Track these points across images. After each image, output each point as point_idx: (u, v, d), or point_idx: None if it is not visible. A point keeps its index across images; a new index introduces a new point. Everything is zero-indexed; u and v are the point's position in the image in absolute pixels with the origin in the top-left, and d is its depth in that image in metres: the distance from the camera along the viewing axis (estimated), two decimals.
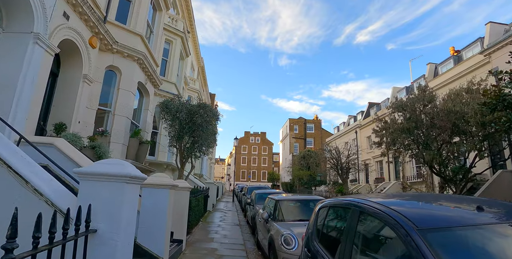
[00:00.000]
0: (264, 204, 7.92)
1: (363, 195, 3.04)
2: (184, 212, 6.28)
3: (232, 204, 22.03)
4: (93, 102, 7.60)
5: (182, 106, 7.90)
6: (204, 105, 8.11)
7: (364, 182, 29.46)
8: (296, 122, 54.27)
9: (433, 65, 22.52)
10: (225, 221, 11.66)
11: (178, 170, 9.04)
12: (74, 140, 5.35)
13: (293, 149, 51.55)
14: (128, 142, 8.29)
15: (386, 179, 25.61)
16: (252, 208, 10.32)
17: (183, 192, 6.30)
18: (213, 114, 8.24)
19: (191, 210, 7.57)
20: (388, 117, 14.80)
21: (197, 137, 8.02)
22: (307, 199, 6.27)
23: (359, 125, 31.22)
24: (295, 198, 6.47)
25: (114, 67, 8.31)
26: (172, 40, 14.62)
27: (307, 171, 41.50)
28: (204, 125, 7.87)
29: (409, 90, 24.81)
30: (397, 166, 24.81)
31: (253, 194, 11.59)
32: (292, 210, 6.00)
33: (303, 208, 6.05)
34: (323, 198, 6.66)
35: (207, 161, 35.92)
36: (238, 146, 64.07)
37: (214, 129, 8.80)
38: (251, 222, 9.93)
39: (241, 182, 60.22)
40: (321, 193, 31.44)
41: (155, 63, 10.61)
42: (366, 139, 29.84)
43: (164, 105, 8.11)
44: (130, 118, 8.40)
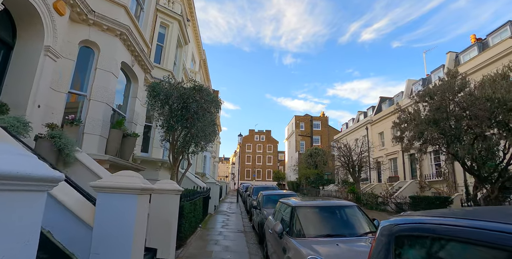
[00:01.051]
0: (275, 208, 6.39)
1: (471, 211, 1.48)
2: (171, 221, 4.77)
3: (236, 205, 20.53)
4: (63, 84, 6.12)
5: (172, 90, 6.39)
6: (201, 88, 6.58)
7: (376, 181, 27.77)
8: (302, 119, 52.57)
9: (454, 54, 20.74)
10: (228, 226, 10.15)
11: (171, 167, 7.54)
12: (16, 125, 3.86)
13: (299, 147, 49.90)
14: (108, 133, 6.81)
15: (401, 177, 23.91)
16: (258, 212, 8.80)
17: (170, 196, 4.79)
18: (212, 100, 6.71)
19: (184, 218, 6.07)
20: (412, 107, 13.12)
21: (192, 127, 6.51)
22: (335, 206, 4.71)
23: (370, 121, 29.49)
24: (318, 204, 4.91)
25: (90, 43, 6.82)
26: (169, 24, 13.13)
27: (314, 170, 39.88)
28: (200, 113, 6.35)
29: (426, 83, 23.04)
30: (413, 163, 23.09)
31: (259, 196, 10.05)
32: (316, 220, 4.45)
33: (331, 218, 4.50)
34: (353, 203, 5.12)
35: (210, 160, 34.49)
36: (242, 144, 62.58)
37: (213, 118, 7.27)
38: (258, 228, 8.41)
39: (245, 181, 58.77)
40: (329, 193, 29.79)
41: (145, 43, 9.12)
42: (378, 135, 28.14)
43: (151, 88, 6.60)
44: (110, 105, 6.91)
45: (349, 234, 4.06)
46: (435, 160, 20.69)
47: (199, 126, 6.57)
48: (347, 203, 4.99)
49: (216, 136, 9.14)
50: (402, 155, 23.93)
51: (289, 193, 10.07)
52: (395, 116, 24.77)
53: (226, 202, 22.89)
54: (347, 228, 4.34)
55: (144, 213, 3.26)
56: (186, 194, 6.75)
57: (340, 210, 4.60)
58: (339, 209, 4.61)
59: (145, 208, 3.27)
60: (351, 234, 4.08)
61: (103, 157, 6.12)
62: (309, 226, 4.28)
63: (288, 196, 9.29)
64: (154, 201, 4.78)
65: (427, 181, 20.39)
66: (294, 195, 9.57)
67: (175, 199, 4.93)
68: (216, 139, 43.81)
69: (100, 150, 6.50)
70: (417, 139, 11.96)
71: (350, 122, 37.43)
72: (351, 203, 5.00)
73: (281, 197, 9.24)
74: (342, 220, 4.50)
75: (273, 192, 10.63)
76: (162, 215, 4.71)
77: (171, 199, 4.81)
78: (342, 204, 4.80)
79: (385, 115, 26.76)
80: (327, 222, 4.40)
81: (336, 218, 4.50)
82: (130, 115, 8.38)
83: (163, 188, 4.78)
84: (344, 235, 4.02)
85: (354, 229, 4.34)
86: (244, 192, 23.79)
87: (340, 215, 4.57)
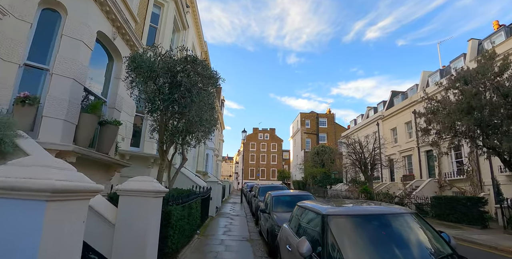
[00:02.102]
0: (292, 214, 4.92)
1: None
2: (148, 235, 3.30)
3: (240, 205, 19.07)
4: (14, 52, 4.68)
5: (158, 61, 4.91)
6: (195, 59, 5.06)
7: (389, 179, 26.11)
8: (307, 116, 50.93)
9: (476, 41, 19.04)
10: (230, 232, 8.68)
11: (160, 162, 6.05)
12: None
13: (305, 145, 48.30)
14: (78, 119, 5.36)
15: (417, 176, 22.26)
16: (267, 216, 7.32)
17: (146, 200, 3.32)
18: (209, 76, 5.21)
19: (173, 227, 4.60)
20: (440, 94, 11.51)
21: (183, 111, 5.03)
22: (387, 213, 3.18)
23: (381, 117, 27.84)
24: (361, 211, 3.31)
25: (55, 4, 5.38)
26: (164, 3, 11.70)
27: (321, 168, 38.32)
28: (194, 92, 4.86)
29: (444, 74, 21.38)
30: (430, 161, 21.45)
31: (267, 197, 8.56)
32: (362, 237, 2.94)
33: (384, 232, 2.98)
34: (410, 210, 3.61)
35: (213, 158, 33.09)
36: (246, 143, 61.10)
37: (212, 101, 5.74)
38: (267, 236, 6.94)
39: (249, 181, 57.35)
40: (339, 193, 28.22)
41: (131, 14, 7.67)
42: (390, 131, 26.49)
43: (131, 60, 5.11)
44: (81, 83, 5.46)
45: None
46: (456, 156, 19.02)
47: (193, 108, 5.10)
48: (401, 209, 3.46)
49: (216, 125, 7.66)
50: (417, 151, 22.29)
51: (303, 193, 8.57)
52: (411, 110, 23.21)
53: (230, 203, 21.45)
54: (411, 248, 2.84)
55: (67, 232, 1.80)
56: (177, 196, 5.29)
57: (395, 220, 3.09)
58: (394, 219, 3.10)
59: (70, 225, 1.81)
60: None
61: (66, 147, 4.66)
62: (353, 247, 2.78)
63: (303, 197, 7.81)
64: (123, 207, 3.33)
65: (447, 180, 18.74)
66: (309, 196, 8.07)
67: (154, 203, 3.45)
68: (219, 136, 42.23)
69: (66, 139, 5.05)
70: (447, 130, 10.37)
71: (359, 119, 35.76)
72: (407, 209, 3.49)
73: (295, 198, 7.75)
74: (401, 236, 3.00)
75: (284, 192, 9.13)
76: (134, 227, 3.26)
77: (147, 203, 3.34)
78: (397, 212, 3.28)
79: (398, 110, 25.10)
80: (380, 240, 2.89)
81: (391, 232, 3.00)
82: (112, 100, 6.94)
83: (136, 188, 3.32)
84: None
85: (421, 250, 2.84)
86: (249, 192, 22.32)
87: (397, 228, 3.06)
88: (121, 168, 6.96)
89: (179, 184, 12.13)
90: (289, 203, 7.59)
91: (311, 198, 7.85)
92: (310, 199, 7.81)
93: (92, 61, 6.44)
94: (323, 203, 4.19)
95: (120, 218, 3.30)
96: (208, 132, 7.67)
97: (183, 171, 13.13)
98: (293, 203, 7.71)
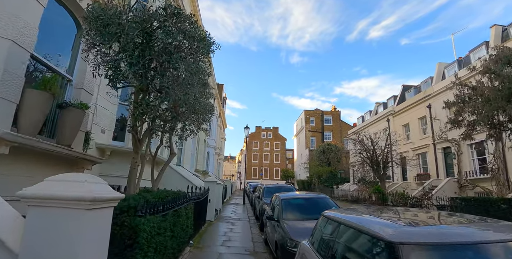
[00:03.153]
0: (315, 227, 3.48)
1: None
2: None
3: (242, 207, 17.62)
4: None
5: (126, 11, 3.49)
6: (178, 12, 3.65)
7: (401, 179, 24.53)
8: (312, 114, 49.35)
9: (500, 28, 17.44)
10: (231, 242, 7.24)
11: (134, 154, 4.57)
12: None
13: (309, 143, 46.75)
14: (20, 96, 3.93)
15: (433, 175, 20.67)
16: (276, 224, 5.86)
17: (70, 215, 1.86)
18: (198, 37, 3.78)
19: (143, 249, 3.15)
20: (474, 78, 9.94)
21: (163, 83, 3.57)
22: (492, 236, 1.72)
23: (392, 112, 26.25)
24: (474, 236, 1.81)
25: None
26: None
27: (327, 167, 36.77)
28: (176, 57, 3.41)
29: (462, 64, 19.79)
30: (447, 158, 19.86)
31: (275, 200, 7.08)
32: None
33: None
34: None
35: (214, 157, 31.70)
36: (249, 141, 59.67)
37: (202, 70, 4.26)
38: (275, 250, 5.49)
39: (252, 180, 55.91)
40: (347, 193, 26.69)
41: None
42: (402, 128, 24.89)
43: (90, 15, 3.67)
44: (26, 49, 4.02)
45: None
46: (478, 153, 17.43)
47: (176, 82, 3.64)
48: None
49: (212, 111, 6.22)
50: (433, 148, 20.70)
51: (319, 196, 7.06)
52: (426, 104, 21.61)
53: (231, 204, 20.01)
54: None
55: None
56: (155, 202, 3.84)
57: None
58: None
59: None
60: None
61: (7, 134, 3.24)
62: None
63: (320, 201, 6.36)
64: (32, 224, 1.89)
65: (469, 179, 17.15)
66: (327, 200, 6.58)
67: (90, 218, 1.99)
68: (221, 134, 40.69)
69: (3, 122, 3.62)
70: (485, 120, 8.83)
71: (367, 116, 34.17)
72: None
73: (310, 202, 6.32)
74: None
75: (294, 194, 7.64)
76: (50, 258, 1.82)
77: (75, 218, 1.89)
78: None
79: (411, 104, 23.50)
80: None
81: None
82: (79, 79, 5.51)
83: (56, 194, 1.86)
84: None
85: None
86: (252, 192, 20.87)
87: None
88: (91, 164, 5.53)
89: (172, 185, 10.72)
90: (303, 208, 6.14)
91: (330, 202, 6.38)
92: (329, 204, 6.34)
93: (55, 30, 5.06)
94: (367, 214, 2.72)
95: (26, 243, 1.86)
96: (203, 120, 6.23)
97: (178, 169, 11.70)
98: (308, 208, 6.25)
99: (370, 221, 2.26)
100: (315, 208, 6.18)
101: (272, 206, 7.30)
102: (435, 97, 20.82)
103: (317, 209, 6.19)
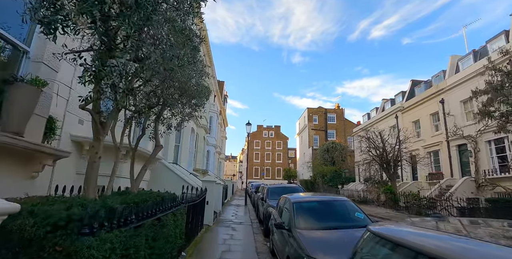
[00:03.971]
0: (355, 250, 2.26)
1: None
2: None
3: (244, 209, 16.46)
4: None
5: None
6: None
7: (410, 179, 23.30)
8: (315, 112, 48.10)
9: None
10: (231, 254, 6.07)
11: (92, 145, 3.40)
12: None
13: (312, 141, 45.52)
14: None
15: (446, 174, 19.43)
16: (287, 235, 4.67)
17: None
18: None
19: None
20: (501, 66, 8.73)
21: (129, 32, 2.44)
22: None
23: (401, 109, 25.01)
24: None
25: None
26: None
27: (331, 166, 35.56)
28: (145, 8, 2.32)
29: (478, 56, 18.54)
30: (463, 156, 18.61)
31: (284, 204, 5.87)
32: None
33: None
34: None
35: (214, 155, 30.55)
36: (250, 141, 58.50)
37: (188, 29, 3.14)
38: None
39: (254, 180, 54.75)
40: (353, 193, 25.50)
41: None
42: (412, 124, 23.64)
43: None
44: None
45: None
46: (497, 151, 16.20)
47: (154, 48, 2.50)
48: None
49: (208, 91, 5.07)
50: (447, 146, 19.47)
51: (338, 198, 5.86)
52: (438, 99, 20.38)
53: (232, 205, 18.86)
54: None
55: None
56: (121, 211, 2.68)
57: None
58: None
59: None
60: None
61: None
62: None
63: (343, 204, 5.17)
64: None
65: (488, 178, 15.93)
66: (349, 202, 5.39)
67: None
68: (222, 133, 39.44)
69: None
70: None
71: (373, 113, 32.93)
72: None
73: (330, 207, 5.14)
74: None
75: (309, 197, 6.42)
76: None
77: None
78: None
79: (422, 100, 22.27)
80: None
81: None
82: (38, 50, 4.35)
83: None
84: None
85: None
86: (254, 193, 19.71)
87: None
88: (52, 159, 4.38)
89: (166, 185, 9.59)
90: (320, 214, 4.96)
91: (353, 206, 5.20)
92: (352, 208, 5.18)
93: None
94: (457, 234, 1.54)
95: None
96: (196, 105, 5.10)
97: (173, 167, 10.56)
98: (327, 214, 5.05)
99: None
100: (336, 214, 5.02)
101: (280, 210, 6.13)
102: (448, 91, 19.59)
103: (338, 215, 5.01)
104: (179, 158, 14.94)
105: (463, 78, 18.37)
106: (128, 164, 6.57)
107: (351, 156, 35.89)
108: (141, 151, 6.26)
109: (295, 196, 6.13)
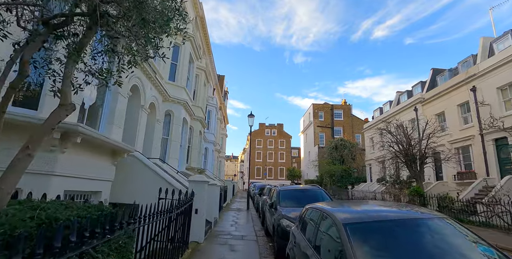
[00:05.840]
0: None
1: None
2: None
3: (246, 215, 13.83)
4: None
5: None
6: None
7: (433, 178, 20.61)
8: (321, 108, 45.41)
9: None
10: None
11: None
12: None
13: (318, 139, 42.84)
14: None
15: (480, 173, 16.75)
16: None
17: None
18: None
19: None
20: None
21: None
22: None
23: (421, 100, 22.34)
24: None
25: None
26: None
27: (340, 165, 32.88)
28: None
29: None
30: (501, 152, 15.94)
31: (323, 221, 3.23)
32: None
33: None
34: None
35: (213, 154, 27.96)
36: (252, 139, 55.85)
37: None
38: None
39: (256, 180, 52.12)
40: (365, 194, 22.84)
41: None
42: (434, 117, 20.92)
43: None
44: None
45: None
46: None
47: None
48: None
49: (181, 14, 2.40)
50: (481, 140, 16.79)
51: (430, 215, 3.25)
52: (469, 86, 17.69)
53: (232, 210, 16.24)
54: None
55: None
56: None
57: None
58: None
59: None
60: None
61: None
62: None
63: (447, 228, 2.46)
64: None
65: None
66: (453, 226, 2.76)
67: None
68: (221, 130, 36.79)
69: None
70: None
71: (386, 107, 30.25)
72: None
73: (414, 230, 2.41)
74: None
75: (369, 211, 3.75)
76: None
77: None
78: None
79: (447, 89, 19.60)
80: None
81: None
82: None
83: None
84: None
85: None
86: (258, 195, 17.09)
87: None
88: None
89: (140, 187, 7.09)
90: (400, 245, 2.31)
91: (461, 228, 2.58)
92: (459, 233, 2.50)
93: None
94: None
95: None
96: (156, 33, 2.47)
97: (149, 163, 7.97)
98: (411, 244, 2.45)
99: None
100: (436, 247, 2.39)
101: (313, 232, 3.50)
102: (482, 77, 16.92)
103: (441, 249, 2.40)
104: (167, 153, 12.37)
105: (500, 61, 15.72)
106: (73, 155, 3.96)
107: (362, 154, 33.24)
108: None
109: (340, 209, 3.48)
